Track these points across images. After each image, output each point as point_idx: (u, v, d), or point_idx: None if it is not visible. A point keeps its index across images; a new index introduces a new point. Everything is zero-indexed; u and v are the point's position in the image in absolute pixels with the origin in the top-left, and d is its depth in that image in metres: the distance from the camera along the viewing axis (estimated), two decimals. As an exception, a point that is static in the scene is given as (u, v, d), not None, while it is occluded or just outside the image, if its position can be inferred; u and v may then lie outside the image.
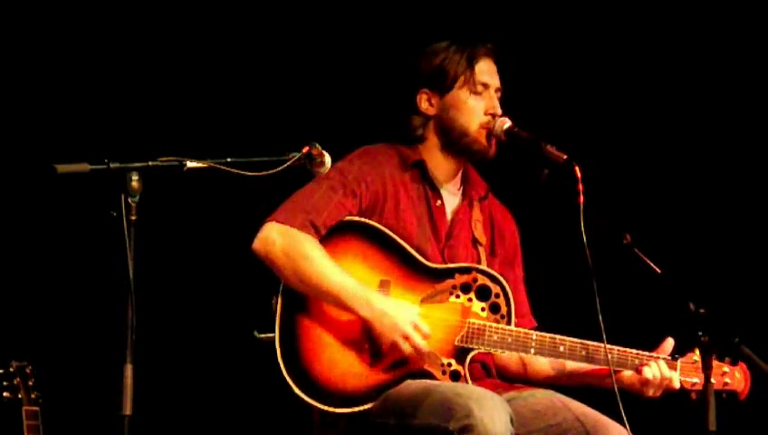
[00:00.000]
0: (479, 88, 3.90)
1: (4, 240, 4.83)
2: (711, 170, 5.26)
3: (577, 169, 3.69)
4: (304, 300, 3.71)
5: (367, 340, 3.70)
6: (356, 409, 3.66)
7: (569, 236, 3.64)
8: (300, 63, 5.14)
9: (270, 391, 3.76)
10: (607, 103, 5.26)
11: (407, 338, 3.66)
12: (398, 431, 3.59)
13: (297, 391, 3.64)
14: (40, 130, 4.88)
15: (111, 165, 3.17)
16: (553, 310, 4.06)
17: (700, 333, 3.53)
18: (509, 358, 3.98)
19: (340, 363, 3.68)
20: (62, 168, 3.13)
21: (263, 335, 3.69)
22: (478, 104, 3.89)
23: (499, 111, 3.89)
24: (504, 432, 3.44)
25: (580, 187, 3.66)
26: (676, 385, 3.81)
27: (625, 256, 3.66)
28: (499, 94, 3.94)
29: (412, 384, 3.66)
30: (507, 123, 3.89)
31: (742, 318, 3.81)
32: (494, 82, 3.92)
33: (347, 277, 3.68)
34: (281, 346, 3.65)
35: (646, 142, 5.27)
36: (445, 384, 3.66)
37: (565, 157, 3.73)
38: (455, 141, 3.91)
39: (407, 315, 3.67)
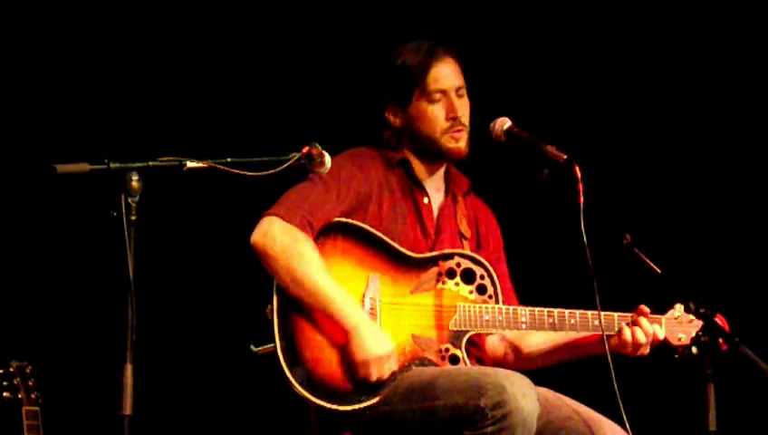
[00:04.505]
0: (436, 96, 3.91)
1: (4, 240, 4.83)
2: (711, 170, 5.26)
3: (577, 168, 3.69)
4: (300, 304, 3.71)
5: None
6: (365, 404, 3.66)
7: (569, 236, 3.64)
8: (300, 63, 5.14)
9: (270, 390, 3.76)
10: (607, 103, 5.26)
11: (367, 367, 3.65)
12: (418, 415, 3.60)
13: (307, 395, 3.63)
14: (40, 130, 4.88)
15: (111, 165, 3.16)
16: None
17: (700, 334, 3.54)
18: (499, 347, 4.02)
19: (344, 361, 3.68)
20: (61, 168, 3.12)
21: (260, 348, 3.69)
22: (438, 111, 3.91)
23: (459, 112, 3.89)
24: (533, 410, 3.49)
25: (581, 187, 3.66)
26: (661, 336, 3.86)
27: (625, 255, 3.66)
28: (462, 90, 3.94)
29: (426, 370, 3.69)
30: (507, 123, 3.89)
31: (742, 318, 3.80)
32: (452, 83, 3.92)
33: (337, 287, 3.69)
34: (283, 353, 3.64)
35: (646, 142, 5.27)
36: (465, 367, 3.72)
37: (565, 157, 3.73)
38: (425, 149, 3.95)
39: (376, 349, 3.65)
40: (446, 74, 3.93)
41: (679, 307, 3.88)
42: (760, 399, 4.74)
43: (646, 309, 3.88)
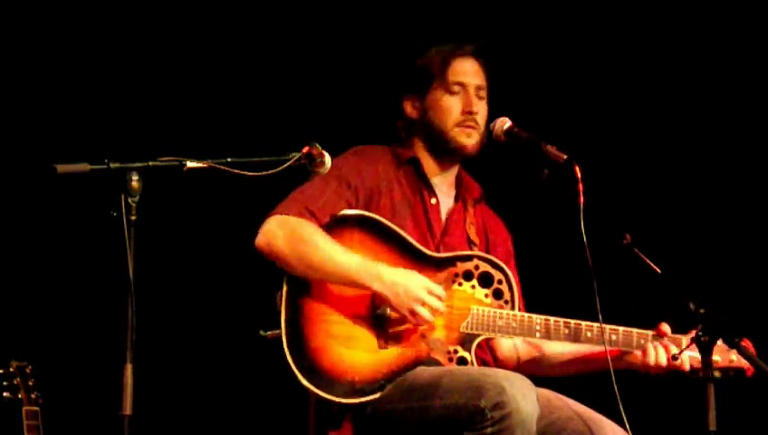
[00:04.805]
0: (455, 88, 3.92)
1: (4, 240, 4.83)
2: (711, 170, 5.26)
3: (577, 168, 3.69)
4: (308, 294, 3.71)
5: (374, 329, 3.72)
6: (367, 398, 3.66)
7: (569, 237, 3.64)
8: (300, 64, 5.14)
9: (269, 389, 3.76)
10: (606, 103, 5.26)
11: (423, 303, 3.67)
12: (417, 413, 3.60)
13: (308, 384, 3.62)
14: (40, 130, 4.88)
15: (111, 165, 3.16)
16: (553, 310, 4.06)
17: (700, 334, 3.53)
18: (514, 350, 4.01)
19: (348, 354, 3.68)
20: (61, 168, 3.12)
21: (269, 333, 3.68)
22: (454, 104, 3.92)
23: (475, 109, 3.90)
24: (533, 411, 3.48)
25: (581, 187, 3.66)
26: (684, 364, 3.83)
27: (625, 255, 3.66)
28: (483, 93, 3.95)
29: (428, 369, 3.68)
30: (507, 123, 3.90)
31: (742, 318, 3.80)
32: (473, 80, 3.94)
33: (352, 255, 3.69)
34: (287, 341, 3.64)
35: (646, 142, 5.27)
36: (466, 367, 3.71)
37: (565, 157, 3.74)
38: (436, 141, 3.94)
39: (418, 281, 3.68)
40: (468, 70, 3.95)
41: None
42: (760, 399, 4.74)
43: (666, 327, 3.87)
